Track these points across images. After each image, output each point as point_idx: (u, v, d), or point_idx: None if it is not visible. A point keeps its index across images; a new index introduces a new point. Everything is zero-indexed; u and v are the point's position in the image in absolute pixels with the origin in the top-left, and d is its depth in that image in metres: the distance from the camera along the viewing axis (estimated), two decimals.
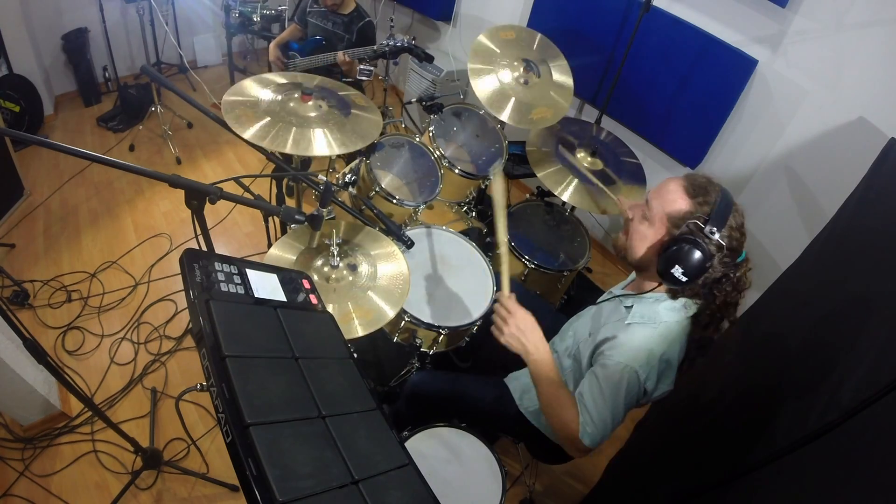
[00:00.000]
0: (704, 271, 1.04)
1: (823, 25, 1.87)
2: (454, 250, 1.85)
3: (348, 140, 1.62)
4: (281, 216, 1.12)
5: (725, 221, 1.04)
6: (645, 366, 1.06)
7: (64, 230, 2.57)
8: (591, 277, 2.84)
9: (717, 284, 1.08)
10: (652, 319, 1.11)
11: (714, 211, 1.04)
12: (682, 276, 1.04)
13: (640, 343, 1.08)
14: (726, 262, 1.06)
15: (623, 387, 1.07)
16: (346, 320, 1.34)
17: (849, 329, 1.03)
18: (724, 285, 1.08)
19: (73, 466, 1.74)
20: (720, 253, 1.04)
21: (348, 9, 2.58)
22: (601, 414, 1.08)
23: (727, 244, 1.04)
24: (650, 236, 1.12)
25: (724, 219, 1.04)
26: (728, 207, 1.06)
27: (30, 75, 2.96)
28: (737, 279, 1.08)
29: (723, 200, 1.06)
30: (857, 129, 1.85)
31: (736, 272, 1.08)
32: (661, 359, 1.07)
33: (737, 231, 1.06)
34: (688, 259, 1.03)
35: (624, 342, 1.09)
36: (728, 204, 1.06)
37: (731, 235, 1.05)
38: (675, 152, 2.47)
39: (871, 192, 1.38)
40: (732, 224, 1.05)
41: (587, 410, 1.10)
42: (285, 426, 0.71)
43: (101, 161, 0.92)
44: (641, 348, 1.07)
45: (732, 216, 1.05)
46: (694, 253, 1.02)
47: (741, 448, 1.05)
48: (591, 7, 2.54)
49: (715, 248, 1.03)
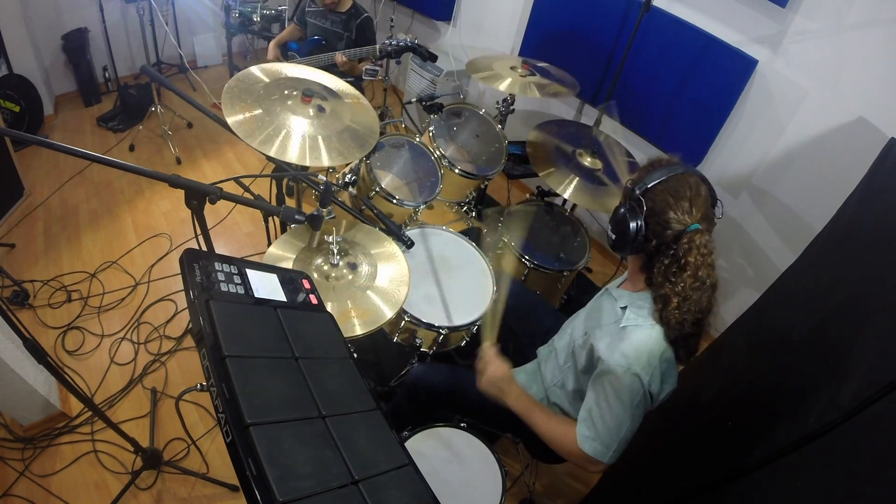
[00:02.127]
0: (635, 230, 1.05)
1: (823, 25, 1.87)
2: (454, 250, 1.85)
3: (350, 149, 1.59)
4: (281, 216, 1.12)
5: (653, 182, 1.05)
6: (647, 368, 1.05)
7: (64, 230, 2.57)
8: (591, 277, 2.84)
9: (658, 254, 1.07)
10: (646, 319, 1.10)
11: (647, 175, 1.08)
12: (611, 232, 1.11)
13: (639, 345, 1.07)
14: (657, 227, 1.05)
15: (627, 391, 1.06)
16: (345, 319, 1.34)
17: (849, 329, 1.03)
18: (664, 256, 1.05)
19: (73, 466, 1.74)
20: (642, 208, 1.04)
21: (345, 6, 2.58)
22: (606, 423, 1.08)
23: (658, 204, 1.04)
24: None
25: (652, 180, 1.06)
26: (661, 171, 1.07)
27: (30, 75, 2.96)
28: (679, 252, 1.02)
29: (664, 169, 1.07)
30: (857, 129, 1.85)
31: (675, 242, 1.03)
32: (661, 359, 1.06)
33: (670, 194, 1.04)
34: (614, 215, 1.11)
35: (622, 346, 1.09)
36: (665, 169, 1.07)
37: (658, 197, 1.05)
38: (675, 152, 2.44)
39: (871, 191, 1.38)
40: (663, 188, 1.05)
41: (591, 420, 1.11)
42: (285, 426, 0.71)
43: (101, 161, 0.92)
44: (641, 350, 1.06)
45: (669, 181, 1.05)
46: (618, 212, 1.10)
47: (741, 448, 1.05)
48: (591, 7, 2.54)
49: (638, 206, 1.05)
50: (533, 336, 1.59)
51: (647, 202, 1.05)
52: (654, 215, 1.05)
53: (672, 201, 1.04)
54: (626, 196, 1.10)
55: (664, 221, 1.04)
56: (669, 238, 1.04)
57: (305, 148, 1.49)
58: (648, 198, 1.05)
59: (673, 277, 1.03)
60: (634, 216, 1.06)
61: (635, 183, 1.09)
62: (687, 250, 1.02)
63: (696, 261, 1.01)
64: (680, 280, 1.02)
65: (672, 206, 1.04)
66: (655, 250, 1.07)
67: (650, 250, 1.08)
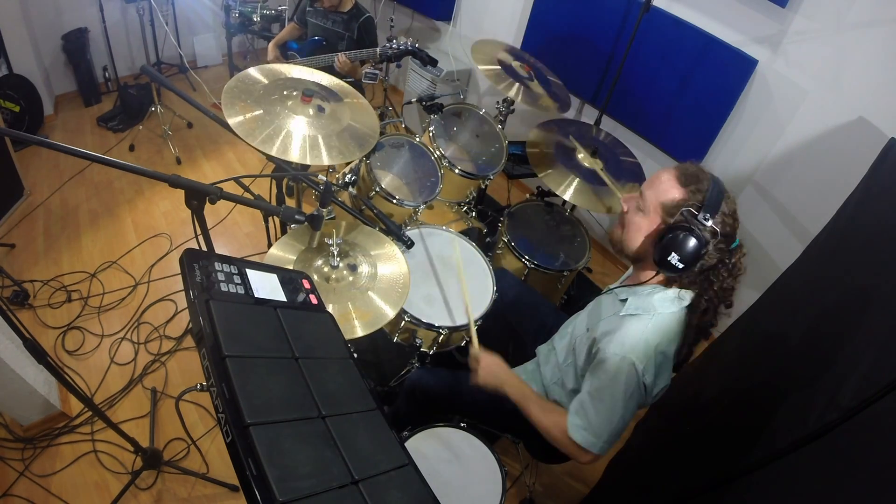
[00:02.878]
0: (700, 258, 1.05)
1: (823, 25, 1.87)
2: (454, 250, 1.85)
3: (350, 148, 1.59)
4: (281, 216, 1.12)
5: (718, 208, 1.05)
6: (642, 357, 1.06)
7: (64, 230, 2.57)
8: (591, 277, 2.84)
9: (713, 271, 1.10)
10: (646, 310, 1.11)
11: (707, 198, 1.06)
12: (678, 262, 1.06)
13: (636, 334, 1.08)
14: (721, 248, 1.07)
15: (622, 380, 1.07)
16: (345, 320, 1.34)
17: (849, 329, 1.03)
18: (720, 271, 1.09)
19: (73, 466, 1.74)
20: (714, 239, 1.05)
21: (347, 6, 2.58)
22: (598, 412, 1.09)
23: (721, 230, 1.05)
24: (645, 226, 1.14)
25: (716, 205, 1.05)
26: (720, 195, 1.07)
27: (30, 75, 2.96)
28: (731, 265, 1.10)
29: (714, 188, 1.07)
30: (857, 129, 1.85)
31: (731, 258, 1.09)
32: (657, 350, 1.07)
33: (730, 217, 1.07)
34: (684, 246, 1.05)
35: (619, 334, 1.10)
36: (720, 191, 1.07)
37: (724, 221, 1.06)
38: (674, 152, 2.47)
39: (871, 192, 1.38)
40: (725, 210, 1.06)
41: (583, 410, 1.11)
42: (285, 426, 0.71)
43: (101, 161, 0.92)
44: (638, 339, 1.07)
45: (725, 203, 1.07)
46: (689, 240, 1.04)
47: (741, 448, 1.05)
48: (591, 6, 2.54)
49: (709, 234, 1.05)
50: (533, 335, 1.60)
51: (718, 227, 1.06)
52: (717, 240, 1.06)
53: (730, 224, 1.07)
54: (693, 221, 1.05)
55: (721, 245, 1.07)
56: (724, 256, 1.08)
57: (306, 147, 1.50)
58: (716, 222, 1.06)
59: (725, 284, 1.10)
60: (703, 244, 1.05)
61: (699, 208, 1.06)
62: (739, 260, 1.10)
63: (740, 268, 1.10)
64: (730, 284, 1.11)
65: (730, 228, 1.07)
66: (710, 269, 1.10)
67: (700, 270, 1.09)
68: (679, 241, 1.05)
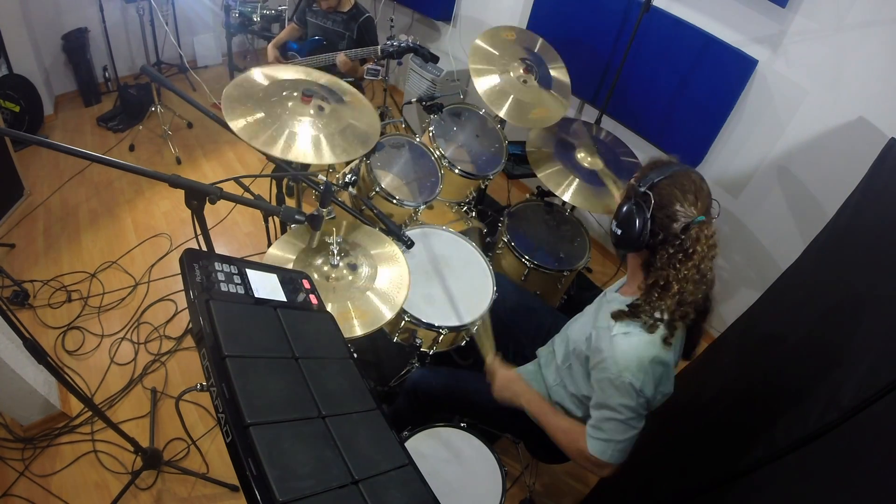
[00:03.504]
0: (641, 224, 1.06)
1: (823, 25, 1.87)
2: (454, 250, 1.85)
3: (352, 147, 1.60)
4: (281, 216, 1.12)
5: (659, 177, 1.06)
6: (638, 373, 1.05)
7: (64, 230, 2.57)
8: (591, 277, 2.84)
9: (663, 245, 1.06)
10: (636, 326, 1.10)
11: (650, 172, 1.09)
12: (616, 228, 1.11)
13: (629, 351, 1.07)
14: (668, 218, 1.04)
15: (623, 397, 1.07)
16: (345, 319, 1.34)
17: (849, 329, 1.03)
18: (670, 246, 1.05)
19: (73, 466, 1.74)
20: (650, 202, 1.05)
21: (346, 6, 2.57)
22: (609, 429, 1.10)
23: (664, 198, 1.05)
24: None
25: (657, 175, 1.07)
26: (665, 167, 1.08)
27: (30, 75, 2.96)
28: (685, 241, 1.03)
29: (666, 165, 1.09)
30: (857, 129, 1.85)
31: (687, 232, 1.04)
32: (652, 362, 1.06)
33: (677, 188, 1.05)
34: (619, 213, 1.11)
35: (612, 355, 1.09)
36: (668, 166, 1.09)
37: (669, 194, 1.05)
38: (675, 152, 2.40)
39: (870, 192, 1.38)
40: (673, 183, 1.06)
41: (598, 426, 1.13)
42: (285, 426, 0.71)
43: (101, 161, 0.92)
44: (630, 357, 1.06)
45: (674, 175, 1.06)
46: (622, 207, 1.10)
47: (741, 448, 1.05)
48: (591, 7, 2.54)
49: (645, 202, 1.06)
50: (533, 336, 1.60)
51: (654, 196, 1.05)
52: (662, 209, 1.05)
53: (679, 194, 1.05)
54: (632, 192, 1.11)
55: (672, 214, 1.05)
56: (677, 230, 1.05)
57: (308, 146, 1.50)
58: (655, 192, 1.06)
59: (677, 265, 1.04)
60: (641, 211, 1.06)
61: (639, 179, 1.10)
62: (695, 240, 1.03)
63: (702, 251, 1.03)
64: (684, 268, 1.04)
65: (679, 198, 1.05)
66: (661, 243, 1.07)
67: (655, 244, 1.08)
68: (618, 212, 1.12)
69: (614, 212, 1.16)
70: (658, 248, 1.07)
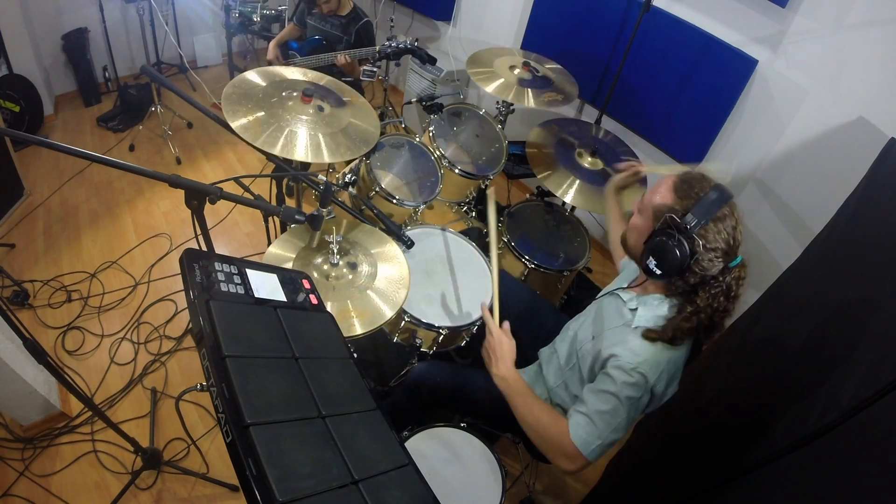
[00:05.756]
0: (683, 265, 1.01)
1: (823, 25, 1.87)
2: (454, 250, 1.85)
3: (352, 146, 1.59)
4: (281, 216, 1.12)
5: (708, 217, 1.01)
6: (655, 369, 1.05)
7: (64, 230, 2.57)
8: (591, 277, 2.84)
9: (704, 285, 1.04)
10: (657, 322, 1.10)
11: (696, 205, 1.02)
12: (655, 268, 1.05)
13: (650, 346, 1.07)
14: (712, 261, 1.02)
15: (630, 389, 1.05)
16: (344, 318, 1.34)
17: (849, 329, 1.03)
18: (712, 288, 1.04)
19: (73, 466, 1.74)
20: (699, 248, 1.00)
21: (346, 10, 2.58)
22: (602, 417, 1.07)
23: (707, 240, 1.00)
24: (640, 228, 1.13)
25: (706, 214, 1.01)
26: (714, 203, 1.01)
27: (30, 75, 2.96)
28: (727, 284, 1.03)
29: (710, 195, 1.02)
30: (857, 129, 1.85)
31: (725, 276, 1.03)
32: (669, 361, 1.07)
33: (725, 230, 1.02)
34: (661, 252, 1.03)
35: (632, 346, 1.08)
36: (716, 200, 1.02)
37: (715, 232, 1.01)
38: (675, 152, 2.47)
39: (871, 191, 1.38)
40: (719, 221, 1.01)
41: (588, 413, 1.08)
42: (285, 426, 0.71)
43: (101, 161, 0.93)
44: (650, 352, 1.06)
45: (721, 213, 1.02)
46: (667, 245, 1.02)
47: (741, 448, 1.05)
48: (591, 7, 2.54)
49: (690, 242, 1.00)
50: (534, 337, 1.59)
51: (700, 238, 1.01)
52: (707, 252, 1.01)
53: (724, 238, 1.01)
54: (675, 227, 1.02)
55: (713, 259, 1.02)
56: (717, 272, 1.03)
57: (308, 146, 1.50)
58: (700, 235, 1.00)
59: (720, 307, 1.04)
60: (684, 252, 1.00)
61: (683, 214, 1.02)
62: (735, 281, 1.04)
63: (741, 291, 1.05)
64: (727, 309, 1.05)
65: (723, 244, 1.01)
66: (700, 283, 1.05)
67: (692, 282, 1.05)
68: (657, 246, 1.04)
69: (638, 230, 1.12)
70: (698, 289, 1.05)
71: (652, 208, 1.09)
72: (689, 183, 1.06)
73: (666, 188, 1.09)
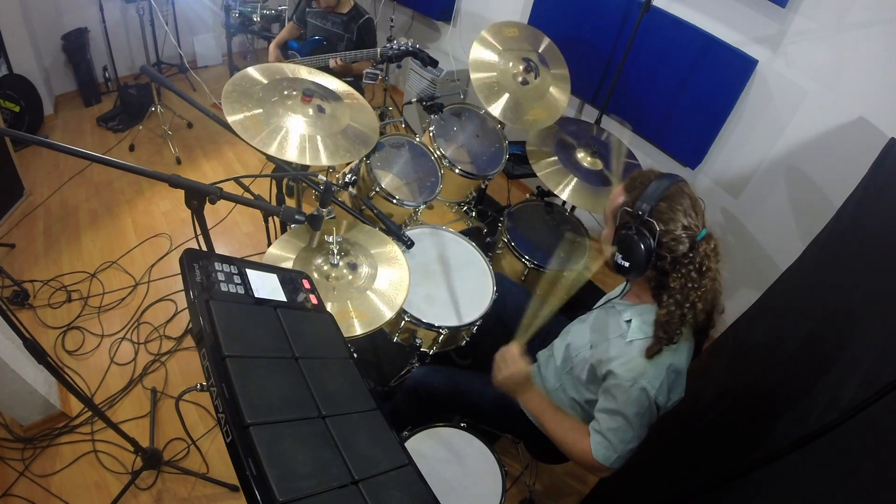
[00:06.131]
0: (649, 253, 1.03)
1: (823, 25, 1.87)
2: (454, 250, 1.85)
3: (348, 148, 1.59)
4: (281, 216, 1.13)
5: (656, 198, 1.03)
6: (654, 380, 1.06)
7: (64, 230, 2.57)
8: (591, 278, 2.84)
9: (676, 265, 1.05)
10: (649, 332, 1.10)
11: (643, 192, 1.05)
12: (623, 261, 1.07)
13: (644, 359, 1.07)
14: (676, 239, 1.03)
15: (634, 404, 1.07)
16: (344, 319, 1.34)
17: (849, 329, 1.03)
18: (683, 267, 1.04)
19: (73, 466, 1.74)
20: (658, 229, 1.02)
21: (346, 7, 2.58)
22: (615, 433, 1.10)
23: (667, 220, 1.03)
24: (608, 235, 1.16)
25: (654, 196, 1.04)
26: (660, 186, 1.05)
27: (30, 75, 2.96)
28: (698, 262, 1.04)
29: (654, 181, 1.06)
30: (857, 129, 1.85)
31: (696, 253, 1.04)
32: (668, 370, 1.06)
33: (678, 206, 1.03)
34: (625, 243, 1.07)
35: (628, 359, 1.09)
36: (661, 182, 1.05)
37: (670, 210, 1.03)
38: (674, 152, 2.47)
39: (870, 192, 1.38)
40: (670, 199, 1.03)
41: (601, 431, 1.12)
42: (285, 426, 0.71)
43: (101, 161, 0.93)
44: (647, 364, 1.07)
45: (670, 192, 1.04)
46: (627, 236, 1.06)
47: (741, 448, 1.05)
48: (591, 7, 2.54)
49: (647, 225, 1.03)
50: (532, 338, 1.59)
51: (657, 224, 1.03)
52: (667, 233, 1.03)
53: (680, 215, 1.03)
54: (630, 218, 1.07)
55: (677, 237, 1.03)
56: (685, 251, 1.04)
57: (306, 147, 1.50)
58: (655, 218, 1.03)
59: (695, 284, 1.04)
60: (645, 238, 1.03)
61: (634, 204, 1.06)
62: (705, 256, 1.04)
63: (714, 265, 1.05)
64: (701, 286, 1.04)
65: (681, 219, 1.03)
66: (672, 266, 1.06)
67: (665, 267, 1.06)
68: (619, 241, 1.08)
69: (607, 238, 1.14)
70: (670, 272, 1.06)
71: (611, 213, 1.15)
72: (634, 178, 1.12)
73: (617, 192, 1.14)
